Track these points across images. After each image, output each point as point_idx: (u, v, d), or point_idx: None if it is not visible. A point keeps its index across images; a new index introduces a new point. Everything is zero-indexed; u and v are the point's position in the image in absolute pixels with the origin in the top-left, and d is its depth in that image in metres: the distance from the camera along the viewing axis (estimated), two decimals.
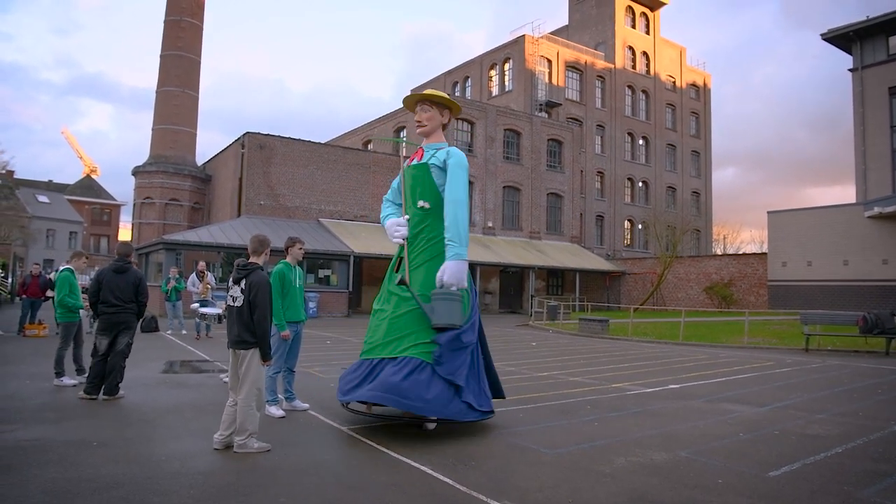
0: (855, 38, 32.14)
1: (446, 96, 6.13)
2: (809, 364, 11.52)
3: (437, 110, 6.06)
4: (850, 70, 32.78)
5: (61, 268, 8.01)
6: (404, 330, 5.47)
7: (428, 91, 6.16)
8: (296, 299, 6.44)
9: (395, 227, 5.90)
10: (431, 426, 5.50)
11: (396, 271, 5.81)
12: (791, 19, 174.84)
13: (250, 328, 4.89)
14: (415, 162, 5.99)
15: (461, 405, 5.34)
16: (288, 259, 6.47)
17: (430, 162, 5.85)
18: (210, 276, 14.23)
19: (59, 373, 7.65)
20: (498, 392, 6.13)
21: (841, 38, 32.90)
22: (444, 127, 6.17)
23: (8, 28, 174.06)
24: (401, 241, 5.82)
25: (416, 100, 6.11)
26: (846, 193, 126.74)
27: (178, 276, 15.66)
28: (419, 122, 6.05)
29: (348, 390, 5.52)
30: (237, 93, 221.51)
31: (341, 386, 5.68)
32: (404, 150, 6.40)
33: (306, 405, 6.46)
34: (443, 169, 5.81)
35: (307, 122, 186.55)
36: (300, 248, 6.52)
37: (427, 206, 5.81)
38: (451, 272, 5.48)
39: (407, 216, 5.89)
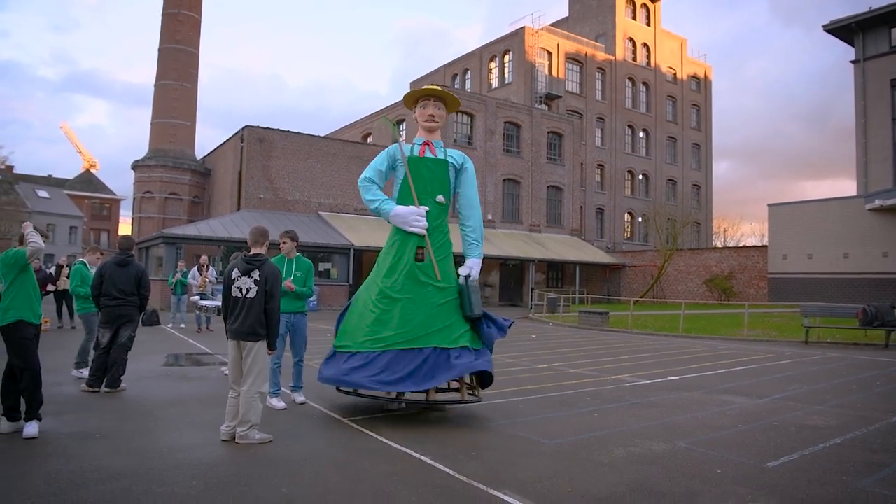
0: (857, 29, 31.99)
1: (451, 94, 6.14)
2: (809, 356, 11.55)
3: (445, 109, 6.12)
4: (851, 62, 32.67)
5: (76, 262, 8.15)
6: (449, 319, 5.67)
7: (435, 87, 6.21)
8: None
9: (415, 215, 5.73)
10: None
11: (419, 261, 5.75)
12: (779, 15, 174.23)
13: (262, 319, 4.94)
14: (428, 155, 5.96)
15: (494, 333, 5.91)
16: (283, 253, 6.51)
17: (448, 160, 5.96)
18: (211, 270, 14.27)
19: (79, 364, 7.68)
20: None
21: (843, 30, 32.73)
22: None
23: (5, 26, 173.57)
24: (421, 231, 5.75)
25: (424, 94, 6.06)
26: (837, 187, 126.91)
27: (185, 269, 15.69)
28: (432, 116, 5.97)
29: (396, 381, 5.34)
30: (235, 89, 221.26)
31: (383, 378, 5.34)
32: (401, 138, 6.31)
33: (303, 399, 6.47)
34: (458, 170, 6.02)
35: (304, 116, 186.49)
36: (284, 243, 6.49)
37: (444, 202, 5.95)
38: (477, 269, 5.94)
39: (425, 207, 5.81)
